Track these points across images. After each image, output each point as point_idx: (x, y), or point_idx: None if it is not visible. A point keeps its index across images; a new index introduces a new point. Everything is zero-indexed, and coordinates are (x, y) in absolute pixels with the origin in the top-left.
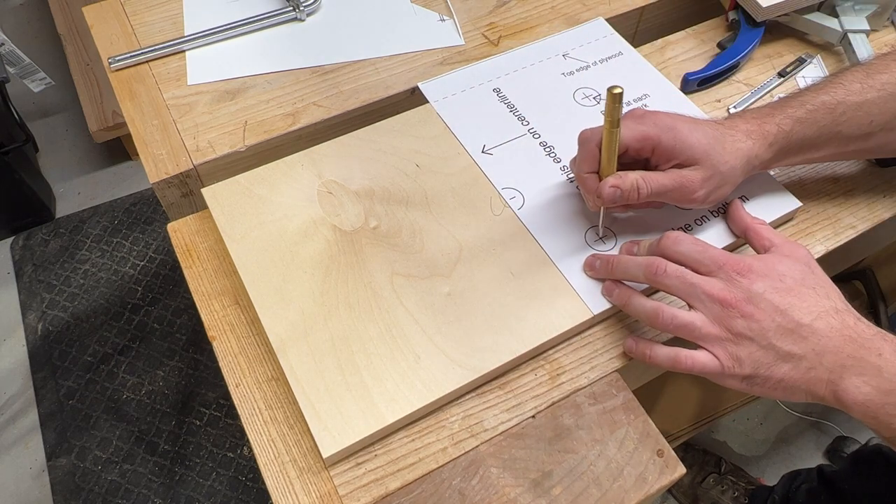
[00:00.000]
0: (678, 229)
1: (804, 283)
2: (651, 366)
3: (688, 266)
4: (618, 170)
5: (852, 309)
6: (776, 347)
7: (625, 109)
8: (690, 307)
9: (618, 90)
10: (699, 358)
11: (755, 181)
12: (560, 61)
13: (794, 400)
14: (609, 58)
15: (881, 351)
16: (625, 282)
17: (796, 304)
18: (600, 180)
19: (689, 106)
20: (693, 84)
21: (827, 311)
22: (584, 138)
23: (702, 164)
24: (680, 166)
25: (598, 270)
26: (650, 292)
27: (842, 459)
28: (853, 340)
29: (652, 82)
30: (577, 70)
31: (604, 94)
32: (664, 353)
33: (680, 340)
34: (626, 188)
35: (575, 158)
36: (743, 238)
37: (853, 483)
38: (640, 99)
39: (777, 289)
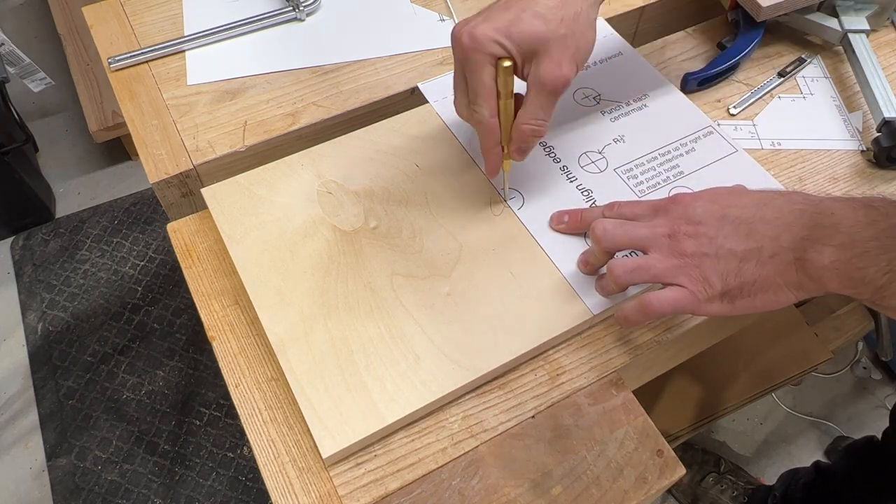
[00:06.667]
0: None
1: (736, 190)
2: (627, 325)
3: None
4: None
5: (798, 191)
6: (733, 250)
7: (624, 109)
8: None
9: (507, 63)
10: (667, 294)
11: (755, 181)
12: None
13: (781, 302)
14: (609, 58)
15: (833, 210)
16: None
17: (735, 202)
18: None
19: (688, 106)
20: (693, 84)
21: (770, 196)
22: (477, 120)
23: (548, 51)
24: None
25: (591, 266)
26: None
27: (837, 454)
28: (804, 212)
29: (651, 82)
30: None
31: (603, 94)
32: (630, 305)
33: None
34: (531, 144)
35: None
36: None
37: (848, 474)
38: (640, 99)
39: (712, 200)
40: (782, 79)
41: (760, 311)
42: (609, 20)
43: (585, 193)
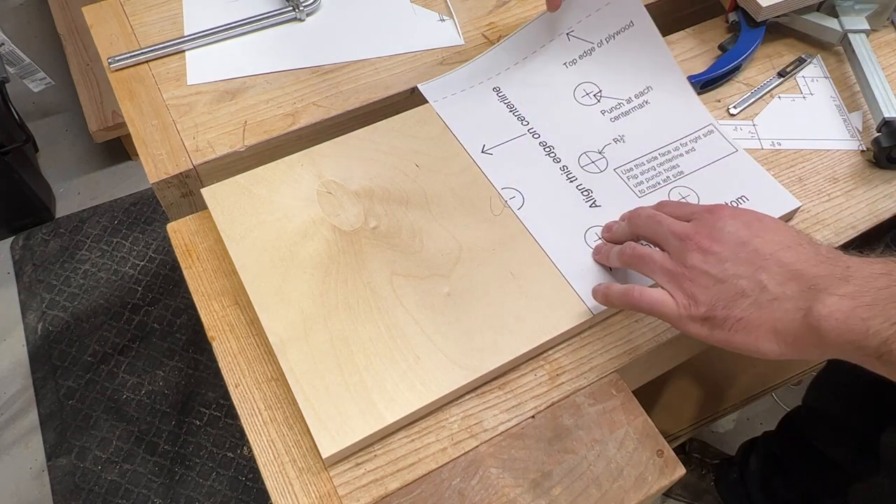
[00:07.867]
0: None
1: (774, 225)
2: (602, 301)
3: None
4: None
5: (832, 247)
6: (736, 280)
7: (624, 108)
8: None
9: None
10: (653, 295)
11: (755, 181)
12: (563, 44)
13: (761, 351)
14: (617, 32)
15: (848, 264)
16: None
17: (763, 236)
18: None
19: (691, 97)
20: (696, 87)
21: (800, 241)
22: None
23: None
24: None
25: (611, 233)
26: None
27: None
28: (819, 263)
29: (658, 66)
30: (579, 57)
31: (605, 90)
32: (617, 289)
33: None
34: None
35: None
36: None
37: (779, 445)
38: (641, 94)
39: (747, 224)
40: (782, 79)
41: (737, 351)
42: None
43: (585, 193)
